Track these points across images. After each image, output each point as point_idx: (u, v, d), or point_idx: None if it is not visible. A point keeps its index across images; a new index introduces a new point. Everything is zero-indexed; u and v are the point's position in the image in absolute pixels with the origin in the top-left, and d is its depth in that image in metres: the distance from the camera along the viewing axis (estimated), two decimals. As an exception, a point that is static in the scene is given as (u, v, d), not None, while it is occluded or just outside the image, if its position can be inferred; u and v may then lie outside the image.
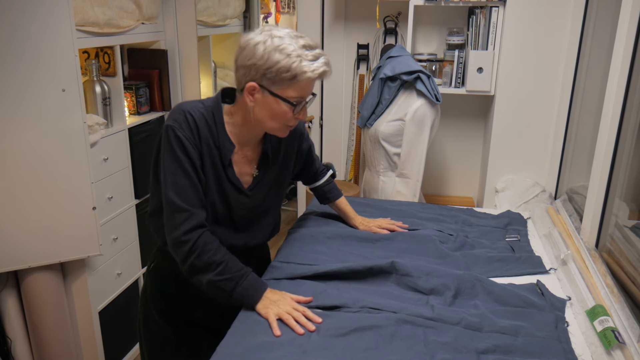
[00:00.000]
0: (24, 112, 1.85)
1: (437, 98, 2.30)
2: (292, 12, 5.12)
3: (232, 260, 1.31)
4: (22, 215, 1.94)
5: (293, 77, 1.24)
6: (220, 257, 1.29)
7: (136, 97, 2.55)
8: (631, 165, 1.70)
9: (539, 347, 1.22)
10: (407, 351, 1.19)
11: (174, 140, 1.29)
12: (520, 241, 1.79)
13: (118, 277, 2.43)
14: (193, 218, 1.29)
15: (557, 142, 2.53)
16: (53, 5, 1.82)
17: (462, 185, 3.11)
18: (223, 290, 1.30)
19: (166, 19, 2.67)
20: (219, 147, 1.34)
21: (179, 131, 1.28)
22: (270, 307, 1.29)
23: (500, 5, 2.49)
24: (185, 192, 1.29)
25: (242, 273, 1.31)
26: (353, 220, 1.81)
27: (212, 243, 1.30)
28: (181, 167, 1.29)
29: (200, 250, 1.28)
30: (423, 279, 1.46)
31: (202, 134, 1.31)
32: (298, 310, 1.29)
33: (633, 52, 1.63)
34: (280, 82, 1.25)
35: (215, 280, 1.28)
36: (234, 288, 1.29)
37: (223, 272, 1.28)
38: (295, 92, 1.26)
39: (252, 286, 1.31)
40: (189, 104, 1.33)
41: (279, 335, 1.23)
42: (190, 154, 1.29)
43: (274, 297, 1.31)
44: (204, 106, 1.34)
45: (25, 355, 2.17)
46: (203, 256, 1.28)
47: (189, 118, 1.30)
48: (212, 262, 1.28)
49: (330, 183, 1.78)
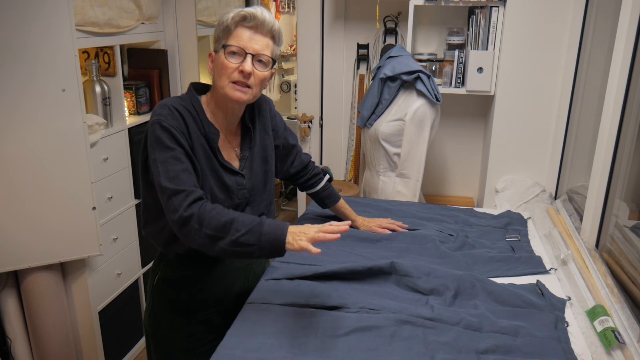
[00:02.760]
0: (23, 112, 1.85)
1: (437, 98, 2.30)
2: (292, 12, 5.12)
3: (242, 215, 1.27)
4: (22, 215, 1.94)
5: (226, 28, 1.33)
6: (229, 215, 1.26)
7: (136, 97, 2.55)
8: (631, 165, 1.70)
9: (539, 347, 1.22)
10: (407, 351, 1.19)
11: (161, 133, 1.29)
12: (520, 241, 1.79)
13: (118, 277, 2.43)
14: (190, 195, 1.27)
15: (557, 142, 2.53)
16: (53, 6, 1.82)
17: (462, 185, 3.11)
18: (249, 244, 1.24)
19: (166, 19, 2.67)
20: (205, 135, 1.36)
21: (166, 122, 1.29)
22: (298, 239, 1.23)
23: (500, 5, 2.49)
24: (178, 177, 1.28)
25: (259, 221, 1.26)
26: (354, 221, 1.81)
27: (215, 208, 1.27)
28: (172, 155, 1.29)
29: (207, 217, 1.25)
30: (423, 280, 1.46)
31: (189, 124, 1.33)
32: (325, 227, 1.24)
33: (633, 52, 1.63)
34: (220, 39, 1.34)
35: (236, 238, 1.23)
36: (259, 237, 1.24)
37: (239, 227, 1.24)
38: (233, 40, 1.32)
39: (275, 228, 1.25)
40: (168, 100, 1.35)
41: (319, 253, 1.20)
42: (181, 141, 1.30)
43: (297, 230, 1.25)
44: (182, 100, 1.37)
45: (25, 355, 2.17)
46: (212, 222, 1.24)
47: (173, 110, 1.32)
48: (223, 223, 1.24)
49: (328, 188, 1.78)
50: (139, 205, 2.54)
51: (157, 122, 1.30)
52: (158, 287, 1.49)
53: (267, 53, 1.35)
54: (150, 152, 1.31)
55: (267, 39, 1.35)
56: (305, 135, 3.21)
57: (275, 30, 1.36)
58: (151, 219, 1.42)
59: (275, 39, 1.37)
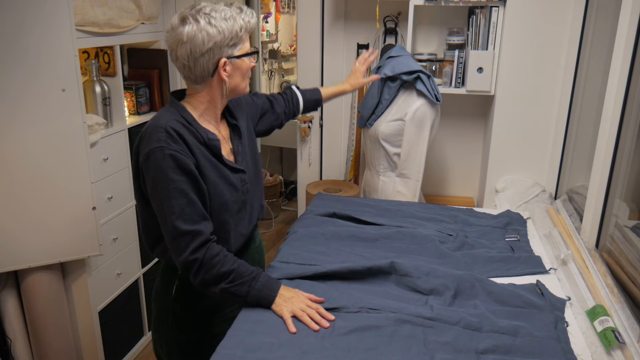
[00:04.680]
0: (24, 112, 1.85)
1: (437, 98, 2.29)
2: (292, 12, 5.12)
3: (241, 266, 1.32)
4: (22, 215, 1.94)
5: (236, 36, 1.33)
6: (229, 267, 1.30)
7: (136, 97, 2.55)
8: (631, 165, 1.70)
9: (539, 347, 1.22)
10: (406, 351, 1.19)
11: (163, 162, 1.25)
12: (519, 241, 1.79)
13: (118, 277, 2.43)
14: (197, 237, 1.28)
15: (557, 142, 2.53)
16: (53, 6, 1.82)
17: (462, 185, 3.11)
18: (238, 295, 1.31)
19: (166, 19, 2.67)
20: (205, 143, 1.35)
21: (168, 149, 1.26)
22: (284, 304, 1.31)
23: (500, 5, 2.49)
24: (183, 213, 1.27)
25: (254, 276, 1.32)
26: (345, 90, 2.04)
27: (219, 255, 1.30)
28: (175, 188, 1.26)
29: (208, 265, 1.28)
30: (423, 279, 1.46)
31: (188, 140, 1.30)
32: (312, 307, 1.30)
33: (633, 52, 1.62)
34: (239, 42, 1.35)
35: (227, 287, 1.29)
36: (248, 291, 1.31)
37: (234, 279, 1.30)
38: (248, 43, 1.38)
39: (265, 286, 1.32)
40: (160, 120, 1.31)
41: (294, 332, 1.25)
42: (185, 166, 1.27)
43: (287, 295, 1.33)
44: (171, 114, 1.34)
45: (25, 355, 2.17)
46: (212, 270, 1.28)
47: (170, 131, 1.28)
48: (222, 274, 1.29)
49: (305, 94, 1.89)
50: (139, 205, 2.55)
51: (159, 148, 1.26)
52: (178, 298, 1.45)
53: None
54: (150, 183, 1.29)
55: None
56: (305, 135, 3.21)
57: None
58: (157, 239, 1.42)
59: None
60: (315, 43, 3.06)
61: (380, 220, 1.87)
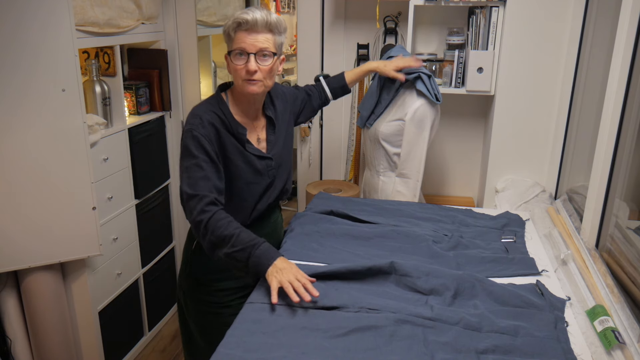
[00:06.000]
0: (24, 112, 1.85)
1: (438, 98, 2.29)
2: (292, 12, 5.12)
3: (243, 232, 1.40)
4: (22, 215, 1.94)
5: (228, 35, 1.49)
6: (232, 230, 1.39)
7: (136, 97, 2.55)
8: (631, 165, 1.70)
9: (539, 347, 1.22)
10: (406, 351, 1.19)
11: (190, 141, 1.48)
12: (515, 242, 1.78)
13: (118, 277, 2.43)
14: (204, 199, 1.43)
15: (557, 142, 2.53)
16: (53, 5, 1.82)
17: (462, 185, 3.11)
18: (238, 260, 1.39)
19: (166, 19, 2.67)
20: (234, 134, 1.54)
21: (196, 131, 1.48)
22: (275, 274, 1.35)
23: (500, 5, 2.49)
24: (197, 183, 1.45)
25: (254, 243, 1.39)
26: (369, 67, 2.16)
27: (224, 219, 1.41)
28: (196, 163, 1.46)
29: (213, 226, 1.40)
30: (422, 279, 1.46)
31: (218, 128, 1.52)
32: (299, 281, 1.34)
33: (633, 52, 1.62)
34: (229, 43, 1.50)
35: (230, 252, 1.38)
36: (248, 257, 1.37)
37: (235, 243, 1.38)
38: (235, 44, 1.48)
39: (264, 255, 1.38)
40: (198, 109, 1.54)
41: (275, 303, 1.30)
42: (206, 148, 1.47)
43: (281, 265, 1.37)
44: (211, 105, 1.55)
45: (25, 355, 2.17)
46: (216, 231, 1.40)
47: (204, 118, 1.50)
48: (224, 236, 1.39)
49: (330, 83, 2.05)
50: (139, 205, 2.55)
51: (189, 130, 1.49)
52: (197, 250, 1.64)
53: (267, 46, 1.47)
54: (180, 155, 1.52)
55: (264, 34, 1.46)
56: (305, 135, 3.21)
57: (272, 23, 1.47)
58: None
59: (274, 30, 1.49)
60: (315, 43, 3.06)
61: (377, 220, 1.87)
